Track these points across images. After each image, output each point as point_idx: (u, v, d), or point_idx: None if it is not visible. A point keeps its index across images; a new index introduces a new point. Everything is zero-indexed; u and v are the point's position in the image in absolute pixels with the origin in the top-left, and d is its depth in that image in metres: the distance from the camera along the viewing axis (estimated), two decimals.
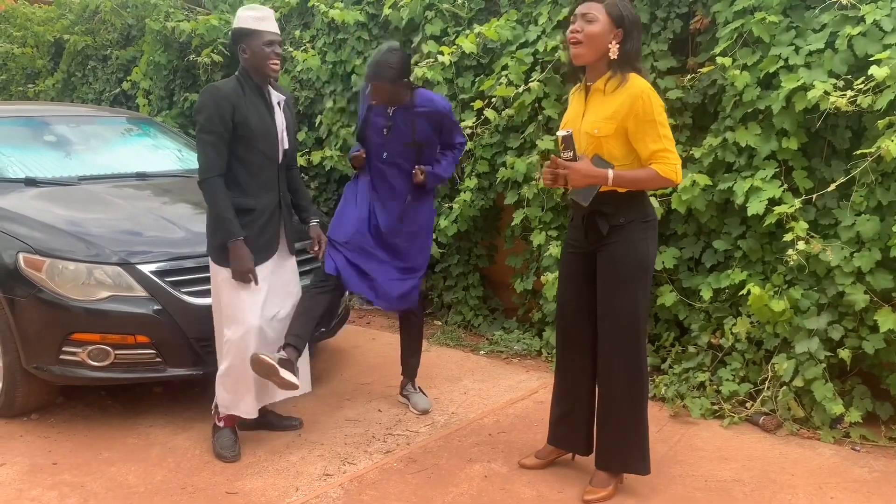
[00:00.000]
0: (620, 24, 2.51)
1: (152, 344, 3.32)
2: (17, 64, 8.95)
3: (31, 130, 4.55)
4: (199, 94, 3.06)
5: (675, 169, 2.53)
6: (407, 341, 3.71)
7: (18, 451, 3.27)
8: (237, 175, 3.06)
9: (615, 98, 2.55)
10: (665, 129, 2.53)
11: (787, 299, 3.38)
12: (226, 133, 2.98)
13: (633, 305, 2.65)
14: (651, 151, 2.53)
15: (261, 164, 3.09)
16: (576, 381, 2.90)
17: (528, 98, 4.27)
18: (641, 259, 2.65)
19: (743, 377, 3.60)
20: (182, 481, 3.00)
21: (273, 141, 3.12)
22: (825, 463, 3.10)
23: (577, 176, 2.55)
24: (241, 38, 3.03)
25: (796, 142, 3.43)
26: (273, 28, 3.04)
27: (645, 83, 2.53)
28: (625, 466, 2.80)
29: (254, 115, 3.04)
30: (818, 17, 3.40)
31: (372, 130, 3.36)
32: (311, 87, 5.78)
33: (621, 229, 2.64)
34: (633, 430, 2.75)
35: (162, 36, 6.83)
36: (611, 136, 2.56)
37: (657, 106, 2.51)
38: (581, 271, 2.80)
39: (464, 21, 4.91)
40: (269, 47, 3.02)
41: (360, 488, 2.93)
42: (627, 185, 2.58)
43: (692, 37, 3.90)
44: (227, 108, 2.96)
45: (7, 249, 3.39)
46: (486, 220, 4.94)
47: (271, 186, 3.15)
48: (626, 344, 2.67)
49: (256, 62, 3.02)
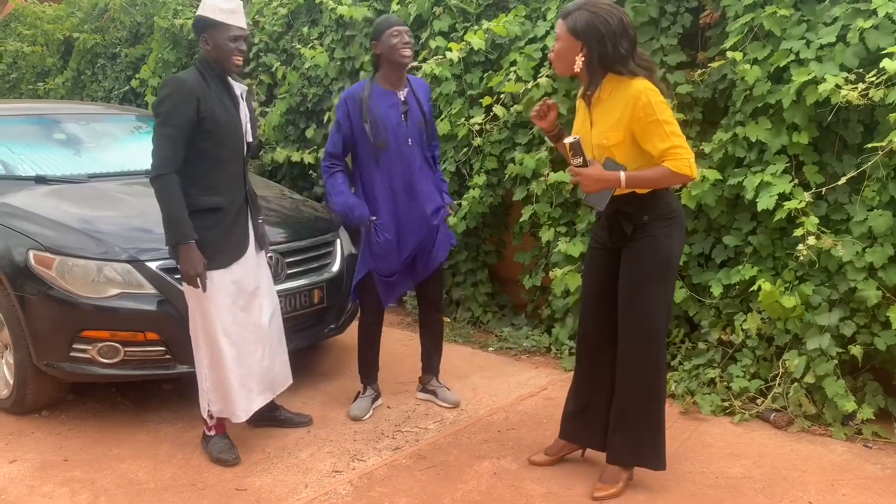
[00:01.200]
0: (579, 38, 2.51)
1: (162, 341, 3.34)
2: (27, 62, 9.01)
3: (40, 128, 4.57)
4: (161, 85, 2.92)
5: (689, 163, 2.49)
6: (429, 339, 3.72)
7: (30, 447, 3.28)
8: (201, 172, 2.92)
9: (616, 104, 2.53)
10: (671, 126, 2.49)
11: (798, 295, 3.36)
12: (186, 128, 2.83)
13: (655, 302, 2.64)
14: (661, 150, 2.50)
15: (227, 158, 2.97)
16: (595, 376, 2.89)
17: (536, 94, 4.25)
18: (665, 256, 2.63)
19: (753, 373, 3.58)
20: (192, 478, 3.01)
21: (238, 134, 3.00)
22: (837, 460, 3.08)
23: (588, 181, 2.55)
24: (205, 27, 2.88)
25: (807, 136, 3.40)
26: (241, 23, 2.91)
27: (642, 84, 2.49)
28: (637, 460, 2.80)
29: (220, 108, 2.91)
30: (829, 10, 3.37)
31: (390, 124, 3.28)
32: (320, 84, 5.77)
33: (645, 227, 2.62)
34: (651, 427, 2.74)
35: (170, 33, 6.85)
36: (620, 143, 2.55)
37: (658, 104, 2.48)
38: (605, 268, 2.79)
39: (472, 17, 4.89)
40: (234, 43, 2.89)
41: (370, 485, 2.93)
42: (642, 186, 2.56)
43: (702, 31, 3.87)
44: (191, 101, 2.82)
45: (17, 247, 3.41)
46: (495, 217, 4.93)
47: (237, 182, 3.04)
48: (645, 340, 2.66)
49: (219, 56, 2.90)
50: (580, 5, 2.51)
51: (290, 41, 6.06)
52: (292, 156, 5.85)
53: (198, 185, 2.92)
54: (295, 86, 5.87)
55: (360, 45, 5.43)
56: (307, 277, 3.83)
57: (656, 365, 2.69)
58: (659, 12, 3.91)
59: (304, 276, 3.83)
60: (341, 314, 4.03)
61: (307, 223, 4.10)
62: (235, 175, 3.03)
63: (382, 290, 3.46)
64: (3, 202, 3.69)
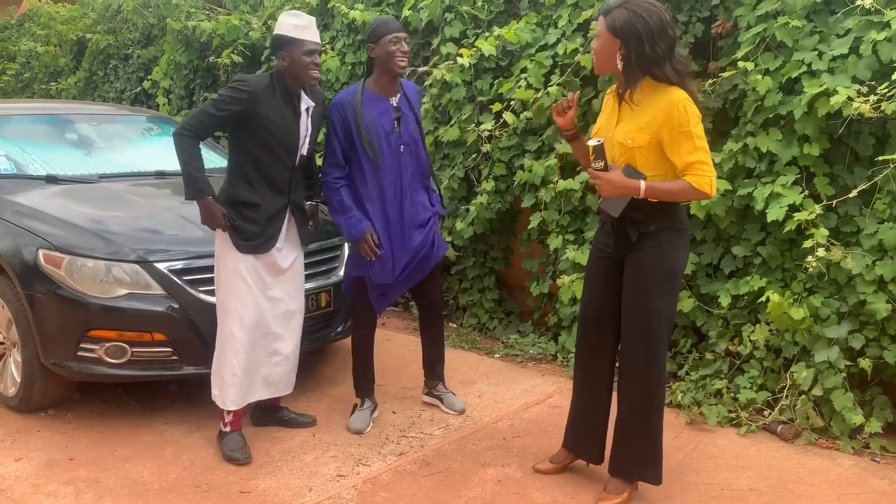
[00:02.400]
0: (617, 36, 2.46)
1: (169, 342, 3.34)
2: (40, 62, 9.07)
3: (52, 128, 4.60)
4: (233, 79, 3.09)
5: (710, 182, 2.46)
6: (431, 346, 3.70)
7: (35, 445, 3.29)
8: (247, 171, 3.09)
9: (649, 107, 2.49)
10: (701, 141, 2.46)
11: (806, 307, 3.34)
12: (228, 120, 3.02)
13: (657, 313, 2.61)
14: (686, 163, 2.46)
15: (274, 165, 3.10)
16: (594, 386, 2.88)
17: (546, 101, 4.25)
18: (670, 267, 2.61)
19: (761, 385, 3.56)
20: (196, 479, 3.01)
21: (292, 145, 3.12)
22: (844, 473, 3.06)
23: (608, 186, 2.52)
24: (282, 45, 3.03)
25: (818, 148, 3.39)
26: (314, 37, 3.04)
27: (682, 94, 2.45)
28: (639, 474, 2.78)
29: (277, 117, 3.05)
30: (842, 21, 3.35)
31: (382, 132, 3.24)
32: (331, 88, 5.79)
33: (652, 236, 2.59)
34: (649, 438, 2.72)
35: (183, 36, 6.89)
36: (644, 147, 2.51)
37: (693, 117, 2.44)
38: (608, 276, 2.76)
39: (483, 23, 4.90)
40: (310, 56, 3.02)
41: (374, 490, 2.93)
42: (659, 197, 2.52)
43: (714, 41, 3.87)
44: (248, 101, 2.98)
45: (27, 246, 3.42)
46: (503, 223, 4.92)
47: (281, 188, 3.15)
48: (646, 351, 2.64)
49: (296, 70, 3.03)
50: (620, 3, 2.45)
51: None
52: None
53: (242, 181, 3.10)
54: None
55: None
56: (315, 281, 3.83)
57: (657, 375, 2.66)
58: None
59: (311, 279, 3.82)
60: (348, 318, 4.03)
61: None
62: (280, 181, 3.14)
63: (374, 297, 3.40)
64: (14, 201, 3.72)
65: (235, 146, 3.12)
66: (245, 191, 3.08)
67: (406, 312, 5.37)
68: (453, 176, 4.85)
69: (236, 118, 3.02)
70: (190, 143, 2.99)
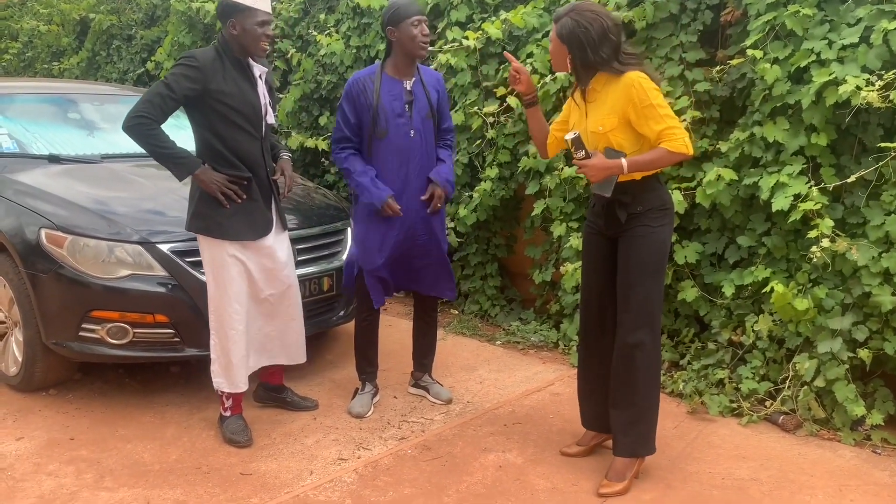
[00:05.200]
0: (563, 42, 2.64)
1: (171, 323, 3.34)
2: (42, 41, 9.02)
3: (55, 108, 4.58)
4: (180, 57, 2.96)
5: (684, 142, 2.59)
6: (422, 340, 3.68)
7: (36, 425, 3.30)
8: (218, 151, 2.97)
9: (611, 93, 2.65)
10: (664, 109, 2.60)
11: (811, 298, 3.33)
12: (181, 100, 2.88)
13: (649, 290, 2.73)
14: (657, 132, 2.60)
15: (243, 140, 2.99)
16: (598, 361, 2.93)
17: (552, 87, 4.22)
18: (660, 246, 2.73)
19: (763, 375, 3.55)
20: (196, 461, 3.01)
21: (256, 115, 3.02)
22: (845, 465, 3.05)
23: (593, 171, 2.66)
24: (232, 12, 2.90)
25: (825, 138, 3.36)
26: (268, 7, 2.95)
27: (635, 74, 2.60)
28: (632, 450, 2.83)
29: (233, 88, 2.93)
30: (853, 10, 3.32)
31: (392, 115, 3.21)
32: (335, 72, 5.75)
33: (639, 216, 2.72)
34: (643, 414, 2.79)
35: (187, 17, 6.84)
36: (616, 129, 2.66)
37: (651, 90, 2.58)
38: (602, 252, 2.87)
39: (490, 8, 4.86)
40: (262, 28, 2.92)
41: (375, 473, 2.93)
42: (644, 168, 2.65)
43: (723, 29, 3.83)
44: (197, 78, 2.86)
45: (30, 225, 3.42)
46: (506, 210, 4.91)
47: (257, 162, 3.05)
48: (639, 327, 2.73)
49: (246, 41, 2.92)
50: (567, 11, 2.64)
51: (306, 28, 6.04)
52: (305, 142, 5.84)
53: (222, 162, 2.98)
54: (310, 72, 5.86)
55: (377, 34, 5.41)
56: (317, 265, 3.83)
57: (650, 349, 2.75)
58: (679, 9, 3.87)
59: (314, 263, 3.82)
60: (350, 302, 4.02)
61: (318, 210, 4.09)
62: (253, 155, 3.04)
63: (371, 287, 3.36)
64: (17, 180, 3.71)
65: (198, 128, 3.00)
66: (229, 169, 2.97)
67: (408, 298, 5.35)
68: (457, 162, 4.83)
69: (192, 98, 2.90)
70: (150, 128, 2.85)
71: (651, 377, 2.78)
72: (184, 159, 2.91)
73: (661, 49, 3.92)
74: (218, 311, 3.07)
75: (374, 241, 3.29)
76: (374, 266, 3.31)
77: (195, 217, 3.01)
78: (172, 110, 2.91)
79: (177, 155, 2.90)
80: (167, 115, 2.90)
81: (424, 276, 3.46)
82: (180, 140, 3.00)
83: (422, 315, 3.64)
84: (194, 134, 3.04)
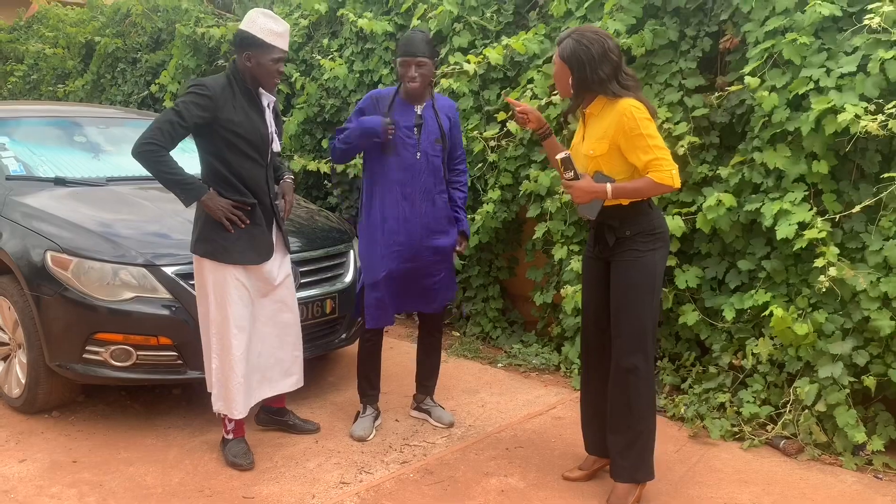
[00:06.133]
0: (566, 63, 2.71)
1: (174, 346, 3.36)
2: (48, 64, 9.10)
3: (61, 130, 4.61)
4: (188, 82, 3.01)
5: (671, 174, 2.64)
6: (427, 362, 3.68)
7: (39, 447, 3.30)
8: (224, 177, 3.00)
9: (605, 119, 2.71)
10: (654, 140, 2.65)
11: (811, 322, 3.35)
12: (191, 127, 2.92)
13: (639, 314, 2.75)
14: (645, 162, 2.65)
15: (249, 167, 3.03)
16: (600, 383, 2.95)
17: (553, 112, 4.27)
18: (648, 270, 2.76)
19: (764, 399, 3.56)
20: (199, 484, 3.02)
21: (263, 143, 3.06)
22: (847, 490, 3.05)
23: (578, 192, 2.72)
24: (250, 45, 2.95)
25: (826, 165, 3.40)
26: (285, 46, 3.01)
27: (629, 102, 2.65)
28: (631, 475, 2.84)
29: (242, 118, 2.98)
30: (850, 39, 3.37)
31: (400, 135, 3.28)
32: (338, 96, 5.82)
33: (627, 241, 2.76)
34: (637, 437, 2.80)
35: (191, 41, 6.92)
36: (605, 155, 2.71)
37: (642, 120, 2.63)
38: (599, 276, 2.91)
39: (492, 34, 4.92)
40: (276, 64, 2.99)
41: (377, 498, 2.93)
42: (628, 196, 2.70)
43: (721, 55, 3.88)
44: (208, 107, 2.90)
45: (35, 247, 3.44)
46: (508, 233, 4.94)
47: (261, 189, 3.09)
48: (633, 352, 2.75)
49: (260, 74, 2.98)
50: (569, 34, 2.72)
51: (310, 52, 6.11)
52: (308, 165, 5.89)
53: (227, 188, 3.02)
54: (313, 96, 5.92)
55: (380, 59, 5.47)
56: (320, 287, 3.85)
57: (644, 374, 2.76)
58: (678, 36, 3.92)
59: (316, 285, 3.84)
60: (352, 325, 4.04)
61: (321, 233, 4.12)
62: (258, 182, 3.08)
63: (371, 308, 3.36)
64: (23, 202, 3.74)
65: (205, 154, 3.03)
66: (235, 195, 3.01)
67: (409, 320, 5.38)
68: None
69: (201, 125, 2.93)
70: (160, 154, 2.88)
71: (646, 401, 2.79)
72: (191, 185, 2.94)
73: (660, 75, 3.97)
74: (219, 335, 3.08)
75: (376, 251, 3.32)
76: (375, 279, 3.32)
77: (200, 241, 3.04)
78: (182, 137, 2.94)
79: (184, 181, 2.93)
80: (176, 142, 2.93)
81: (436, 294, 3.46)
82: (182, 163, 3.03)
83: (426, 337, 3.65)
84: (200, 159, 3.07)
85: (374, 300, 3.37)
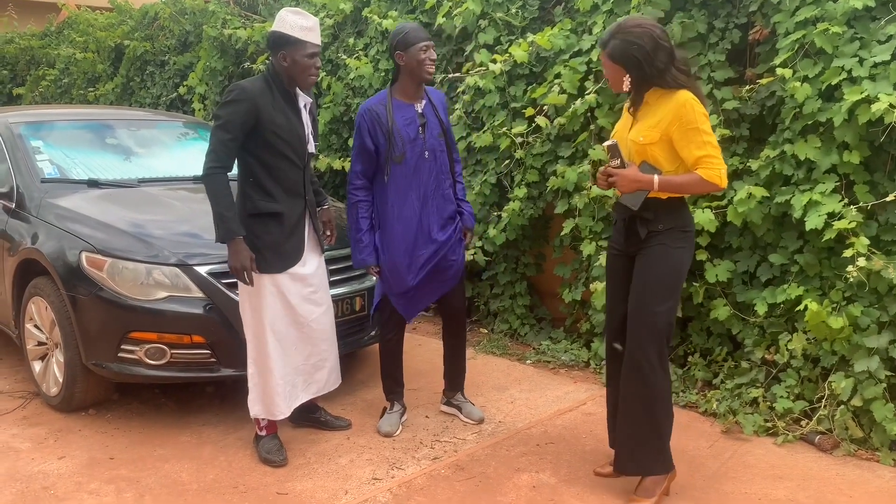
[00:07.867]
0: (619, 63, 2.66)
1: (207, 344, 3.40)
2: (78, 68, 9.24)
3: (93, 133, 4.68)
4: (227, 90, 3.01)
5: (720, 174, 2.61)
6: (453, 357, 3.68)
7: (77, 444, 3.36)
8: (262, 180, 3.03)
9: (659, 108, 2.66)
10: (709, 137, 2.61)
11: (846, 316, 3.30)
12: (241, 134, 2.96)
13: (660, 310, 2.71)
14: (696, 157, 2.61)
15: (286, 168, 3.06)
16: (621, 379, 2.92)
17: (581, 108, 4.25)
18: (676, 266, 2.73)
19: (798, 394, 3.52)
20: (234, 480, 3.05)
21: (301, 145, 3.09)
22: (885, 486, 3.01)
23: (624, 182, 2.68)
24: (283, 44, 2.97)
25: (858, 155, 3.35)
26: (317, 40, 3.01)
27: (687, 94, 2.61)
28: (641, 468, 2.82)
29: (281, 118, 3.01)
30: (884, 28, 3.32)
31: (407, 140, 3.25)
32: (364, 95, 5.83)
33: (659, 235, 2.73)
34: (648, 431, 2.76)
35: (218, 42, 6.98)
36: (655, 144, 2.66)
37: (700, 115, 2.59)
38: (624, 272, 2.88)
39: (517, 30, 4.91)
40: (311, 59, 2.99)
41: (409, 493, 2.94)
42: (673, 190, 2.66)
43: (751, 47, 3.84)
44: (251, 110, 2.94)
45: (71, 249, 3.50)
46: (535, 229, 4.92)
47: (297, 191, 3.12)
48: (647, 345, 2.72)
49: (296, 72, 3.00)
50: (613, 33, 2.66)
51: (336, 52, 6.14)
52: (334, 164, 5.92)
53: (259, 191, 3.04)
54: (339, 95, 5.95)
55: None
56: (349, 285, 3.87)
57: (656, 366, 2.72)
58: (707, 28, 3.88)
59: (345, 283, 3.87)
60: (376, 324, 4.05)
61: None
62: (295, 183, 3.11)
63: (401, 306, 3.41)
64: (58, 204, 3.81)
65: (243, 154, 3.04)
66: (263, 201, 3.03)
67: (437, 318, 5.38)
68: (485, 182, 4.86)
69: (246, 130, 2.96)
70: (221, 181, 2.94)
71: (657, 394, 2.74)
72: (229, 224, 2.94)
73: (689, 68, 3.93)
74: (256, 340, 3.11)
75: (402, 262, 3.32)
76: (405, 288, 3.35)
77: None
78: (237, 150, 3.00)
79: (227, 218, 2.94)
80: (234, 157, 3.00)
81: (452, 277, 3.47)
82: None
83: (451, 335, 3.66)
84: (237, 157, 3.07)
85: (402, 299, 3.40)
